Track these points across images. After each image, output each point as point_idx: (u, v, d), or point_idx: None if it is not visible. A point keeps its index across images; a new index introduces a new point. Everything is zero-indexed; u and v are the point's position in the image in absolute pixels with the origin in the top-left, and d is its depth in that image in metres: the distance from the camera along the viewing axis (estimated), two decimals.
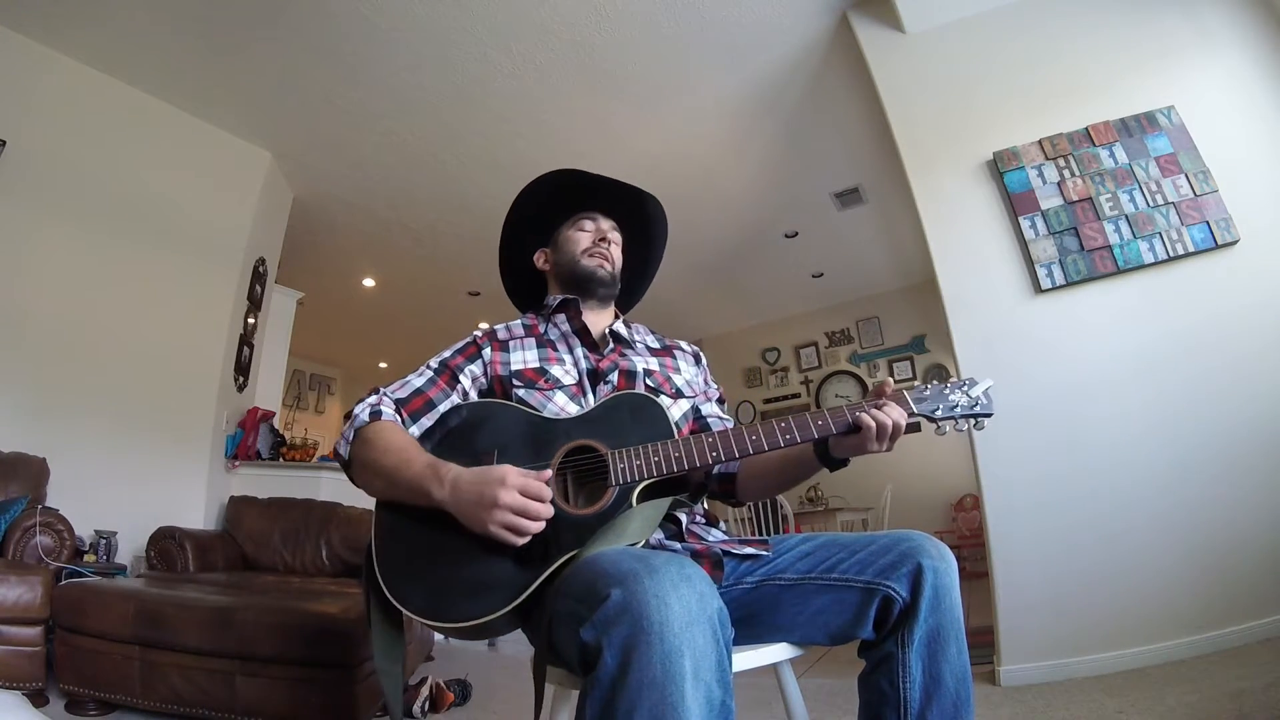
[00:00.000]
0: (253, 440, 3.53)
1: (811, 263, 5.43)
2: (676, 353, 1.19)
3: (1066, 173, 2.31)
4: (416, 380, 1.03)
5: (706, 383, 1.20)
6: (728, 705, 0.61)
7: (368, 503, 0.96)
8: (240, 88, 3.16)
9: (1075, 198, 2.28)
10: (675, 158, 3.82)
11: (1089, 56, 2.43)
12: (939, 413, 0.90)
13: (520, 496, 0.80)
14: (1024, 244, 2.32)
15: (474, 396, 1.04)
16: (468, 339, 1.11)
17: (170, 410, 3.08)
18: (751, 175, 4.07)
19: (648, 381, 1.07)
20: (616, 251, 1.18)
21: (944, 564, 0.83)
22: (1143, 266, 2.16)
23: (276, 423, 3.83)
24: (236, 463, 3.45)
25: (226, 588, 2.22)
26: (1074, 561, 2.06)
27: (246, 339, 3.61)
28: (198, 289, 3.26)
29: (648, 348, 1.17)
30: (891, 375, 5.92)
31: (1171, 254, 2.13)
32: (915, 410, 0.90)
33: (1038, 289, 2.27)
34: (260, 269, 3.71)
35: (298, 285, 4.64)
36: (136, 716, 1.84)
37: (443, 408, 1.00)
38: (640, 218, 1.23)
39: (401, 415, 0.98)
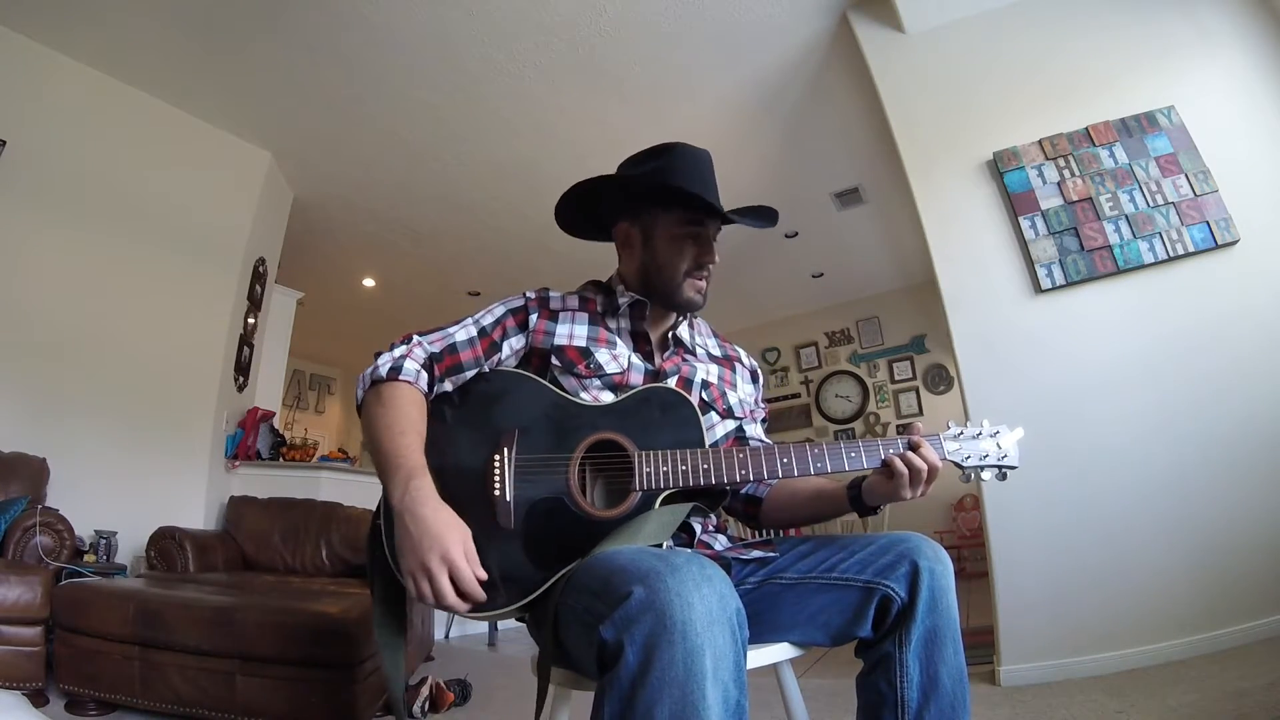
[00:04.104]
0: (253, 440, 3.54)
1: (811, 263, 5.43)
2: (737, 365, 1.12)
3: (1066, 173, 2.31)
4: (458, 335, 0.97)
5: (757, 403, 1.13)
6: (742, 705, 0.61)
7: (368, 503, 0.94)
8: (240, 88, 3.16)
9: (1075, 198, 2.28)
10: None
11: (1089, 56, 2.43)
12: (970, 460, 0.88)
13: (446, 581, 0.74)
14: (1024, 244, 2.32)
15: (511, 365, 0.99)
16: (518, 301, 1.03)
17: (170, 410, 3.08)
18: (751, 175, 4.06)
19: (703, 395, 1.01)
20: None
21: (940, 566, 0.84)
22: (1143, 266, 2.16)
23: (276, 423, 3.83)
24: (236, 463, 3.45)
25: (226, 588, 2.22)
26: (1074, 561, 2.06)
27: (246, 339, 3.61)
28: (198, 289, 3.26)
29: (709, 354, 1.09)
30: (891, 375, 5.93)
31: (1171, 254, 2.13)
32: (945, 455, 0.87)
33: (1038, 289, 2.27)
34: (260, 269, 3.71)
35: (298, 285, 4.65)
36: (136, 716, 1.84)
37: (471, 374, 0.96)
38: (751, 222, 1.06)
39: (434, 370, 0.93)
